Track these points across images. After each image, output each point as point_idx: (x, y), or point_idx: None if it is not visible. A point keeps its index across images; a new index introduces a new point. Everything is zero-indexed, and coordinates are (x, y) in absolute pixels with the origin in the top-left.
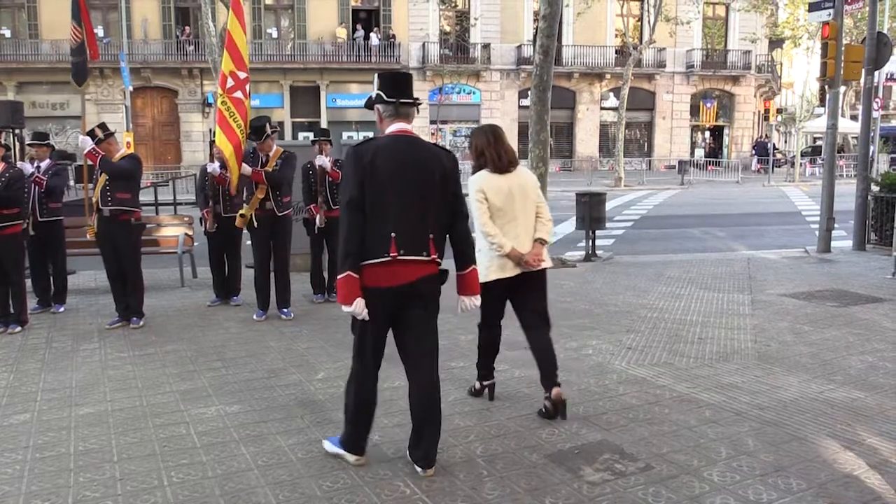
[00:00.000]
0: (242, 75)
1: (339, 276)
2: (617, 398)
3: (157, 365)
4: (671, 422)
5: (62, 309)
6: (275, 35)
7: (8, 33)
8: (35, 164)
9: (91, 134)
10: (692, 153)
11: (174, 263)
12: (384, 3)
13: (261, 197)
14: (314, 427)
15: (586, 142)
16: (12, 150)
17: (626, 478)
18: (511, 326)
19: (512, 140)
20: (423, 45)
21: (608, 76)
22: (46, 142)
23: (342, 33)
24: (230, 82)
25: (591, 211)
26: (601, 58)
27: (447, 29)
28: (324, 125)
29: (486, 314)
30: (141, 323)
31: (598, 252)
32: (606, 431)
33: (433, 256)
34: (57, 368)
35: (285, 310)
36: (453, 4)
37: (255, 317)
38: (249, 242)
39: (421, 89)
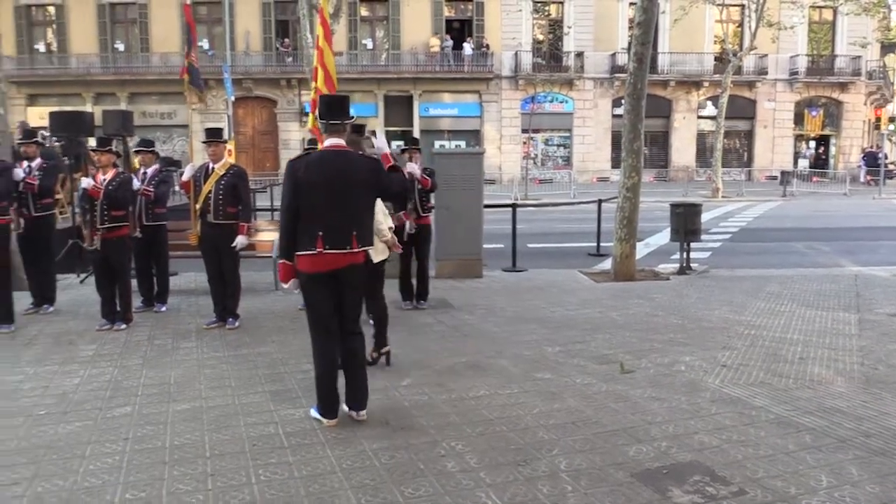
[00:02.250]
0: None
1: (278, 262)
2: (709, 418)
3: (249, 366)
4: (767, 445)
5: (164, 308)
6: (370, 46)
7: (122, 47)
8: (142, 171)
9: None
10: (795, 164)
11: (269, 267)
12: (477, 13)
13: None
14: (398, 433)
15: (682, 151)
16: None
17: (717, 501)
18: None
19: (604, 149)
20: (516, 53)
21: (706, 84)
22: (152, 149)
23: (436, 43)
24: None
25: (686, 222)
26: (699, 65)
27: (540, 38)
28: (416, 134)
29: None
30: (236, 324)
31: (693, 265)
32: (697, 452)
33: (356, 249)
34: (157, 365)
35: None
36: (546, 13)
37: None
38: None
39: (513, 98)
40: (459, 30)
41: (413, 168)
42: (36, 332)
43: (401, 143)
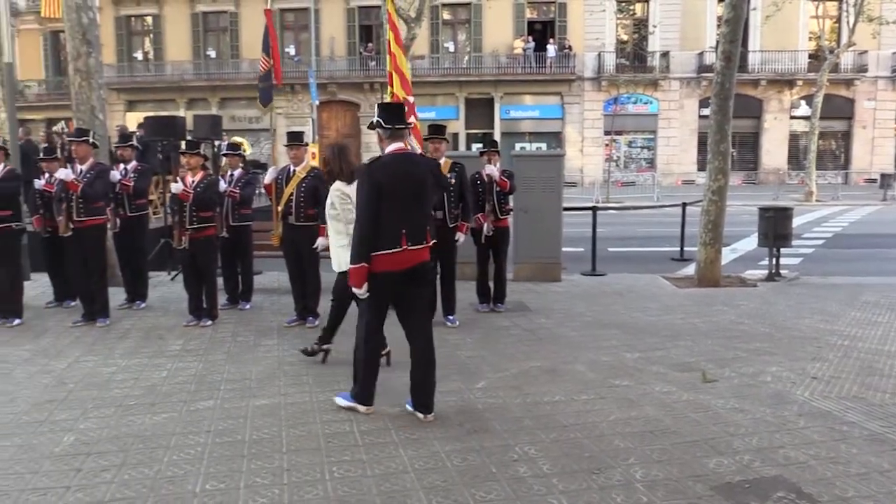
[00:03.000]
0: (412, 99)
1: (353, 266)
2: (797, 432)
3: (326, 364)
4: (859, 463)
5: (248, 306)
6: (452, 49)
7: (213, 54)
8: (229, 173)
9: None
10: None
11: None
12: (560, 14)
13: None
14: (471, 435)
15: (773, 153)
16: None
17: None
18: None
19: (691, 151)
20: (599, 54)
21: (800, 83)
22: (238, 152)
23: (519, 45)
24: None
25: (775, 227)
26: (792, 63)
27: (624, 38)
28: (497, 136)
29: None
30: (316, 323)
31: (783, 272)
32: (783, 467)
33: (430, 243)
34: (239, 361)
35: (450, 317)
36: (631, 12)
37: None
38: None
39: (595, 99)
40: (541, 31)
41: (491, 170)
42: (129, 326)
43: (479, 145)
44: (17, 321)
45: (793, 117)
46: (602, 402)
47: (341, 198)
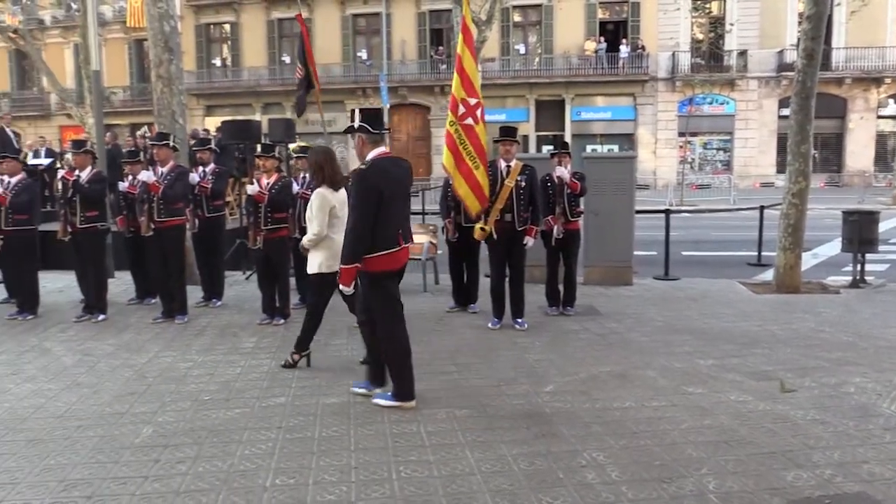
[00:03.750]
0: (473, 101)
1: (345, 266)
2: (882, 447)
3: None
4: None
5: None
6: (522, 51)
7: (287, 59)
8: (301, 175)
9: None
10: None
11: (418, 269)
12: (633, 13)
13: (500, 207)
14: (539, 440)
15: (858, 154)
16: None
17: None
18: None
19: (770, 153)
20: (673, 54)
21: (888, 80)
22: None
23: (591, 46)
24: (461, 109)
25: (860, 231)
26: (879, 60)
27: (699, 36)
28: (567, 138)
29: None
30: None
31: (868, 278)
32: (867, 483)
33: (411, 242)
34: (310, 359)
35: (520, 320)
36: (707, 10)
37: (489, 325)
38: (488, 253)
39: (669, 100)
40: (614, 31)
41: (562, 172)
42: (205, 323)
43: (550, 147)
44: (101, 317)
45: (880, 117)
46: (674, 409)
47: (321, 205)
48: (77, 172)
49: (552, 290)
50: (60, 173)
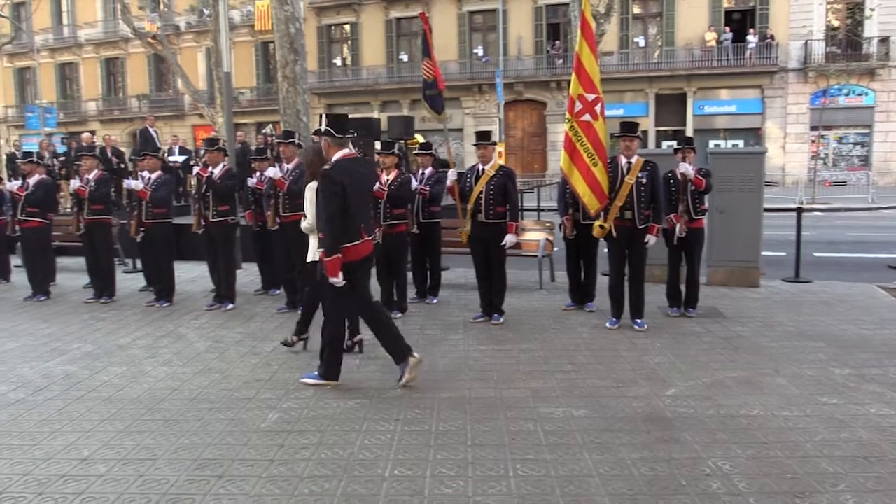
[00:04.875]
0: (591, 97)
1: (329, 259)
2: None
3: (512, 361)
4: None
5: (435, 301)
6: (642, 44)
7: (405, 57)
8: (420, 172)
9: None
10: None
11: (534, 266)
12: (761, 1)
13: (619, 205)
14: (660, 444)
15: None
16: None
17: None
18: None
19: None
20: (806, 43)
21: None
22: (430, 151)
23: (713, 37)
24: (578, 106)
25: None
26: None
27: (835, 23)
28: (689, 133)
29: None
30: (501, 320)
31: None
32: None
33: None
34: (427, 354)
35: (639, 321)
36: None
37: (607, 324)
38: (606, 251)
39: (800, 92)
40: (740, 21)
41: (686, 168)
42: None
43: (672, 143)
44: (230, 306)
45: None
46: (806, 420)
47: (312, 197)
48: (210, 169)
49: (673, 290)
50: (195, 170)
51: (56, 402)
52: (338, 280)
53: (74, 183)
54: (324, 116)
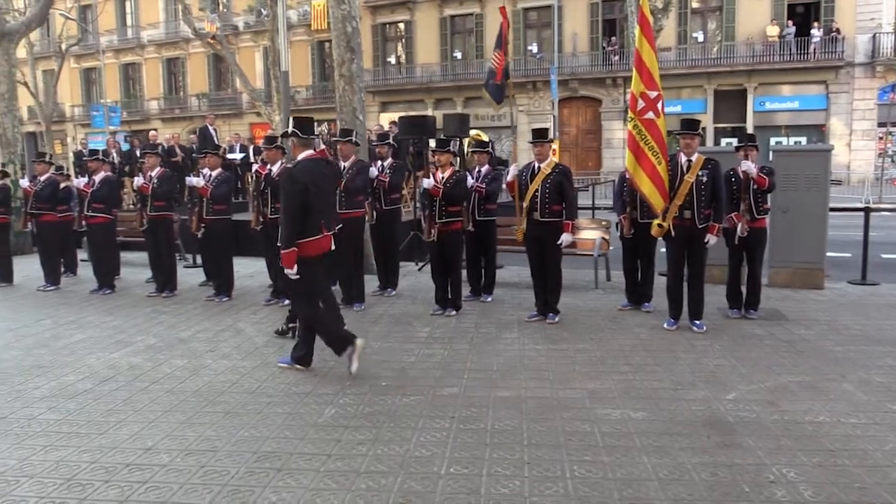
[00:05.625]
0: (653, 94)
1: (285, 252)
2: None
3: (567, 361)
4: None
5: (489, 299)
6: (700, 39)
7: (459, 55)
8: (476, 169)
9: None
10: None
11: (589, 265)
12: None
13: (679, 204)
14: (721, 450)
15: None
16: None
17: None
18: None
19: None
20: (874, 36)
21: None
22: (487, 149)
23: (775, 31)
24: (640, 104)
25: None
26: None
27: None
28: (749, 130)
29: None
30: (556, 319)
31: None
32: None
33: (334, 230)
34: (482, 352)
35: (697, 322)
36: None
37: (665, 325)
38: (664, 250)
39: (868, 87)
40: (804, 14)
41: (748, 166)
42: (381, 312)
43: (732, 140)
44: (287, 301)
45: None
46: (876, 427)
47: None
48: (269, 167)
49: (734, 291)
50: (254, 167)
51: (121, 393)
52: (292, 272)
53: (138, 180)
54: (291, 119)
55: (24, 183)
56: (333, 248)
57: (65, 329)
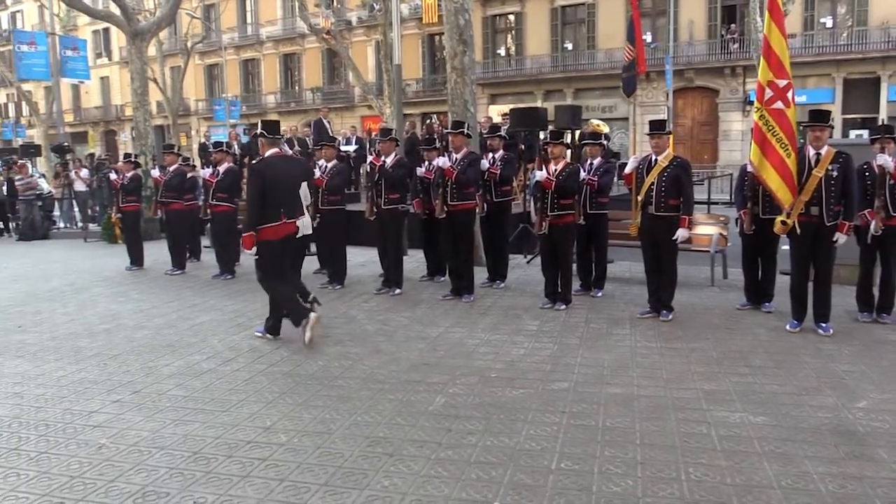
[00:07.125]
0: (783, 83)
1: (245, 235)
2: None
3: (682, 360)
4: None
5: (600, 294)
6: (829, 25)
7: (570, 46)
8: (588, 162)
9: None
10: None
11: (705, 262)
12: None
13: (805, 200)
14: (850, 460)
15: None
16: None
17: None
18: None
19: None
20: None
21: None
22: (600, 141)
23: None
24: (768, 93)
25: None
26: None
27: None
28: (883, 121)
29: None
30: (670, 317)
31: None
32: None
33: (298, 219)
34: (593, 347)
35: (823, 325)
36: None
37: (787, 327)
38: (786, 247)
39: None
40: None
41: (885, 160)
42: (490, 303)
43: (862, 132)
44: (397, 290)
45: None
46: None
47: None
48: (383, 158)
49: (865, 293)
50: (369, 159)
51: (242, 374)
52: (251, 251)
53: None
54: (260, 121)
55: (155, 173)
56: (299, 233)
57: (190, 311)
